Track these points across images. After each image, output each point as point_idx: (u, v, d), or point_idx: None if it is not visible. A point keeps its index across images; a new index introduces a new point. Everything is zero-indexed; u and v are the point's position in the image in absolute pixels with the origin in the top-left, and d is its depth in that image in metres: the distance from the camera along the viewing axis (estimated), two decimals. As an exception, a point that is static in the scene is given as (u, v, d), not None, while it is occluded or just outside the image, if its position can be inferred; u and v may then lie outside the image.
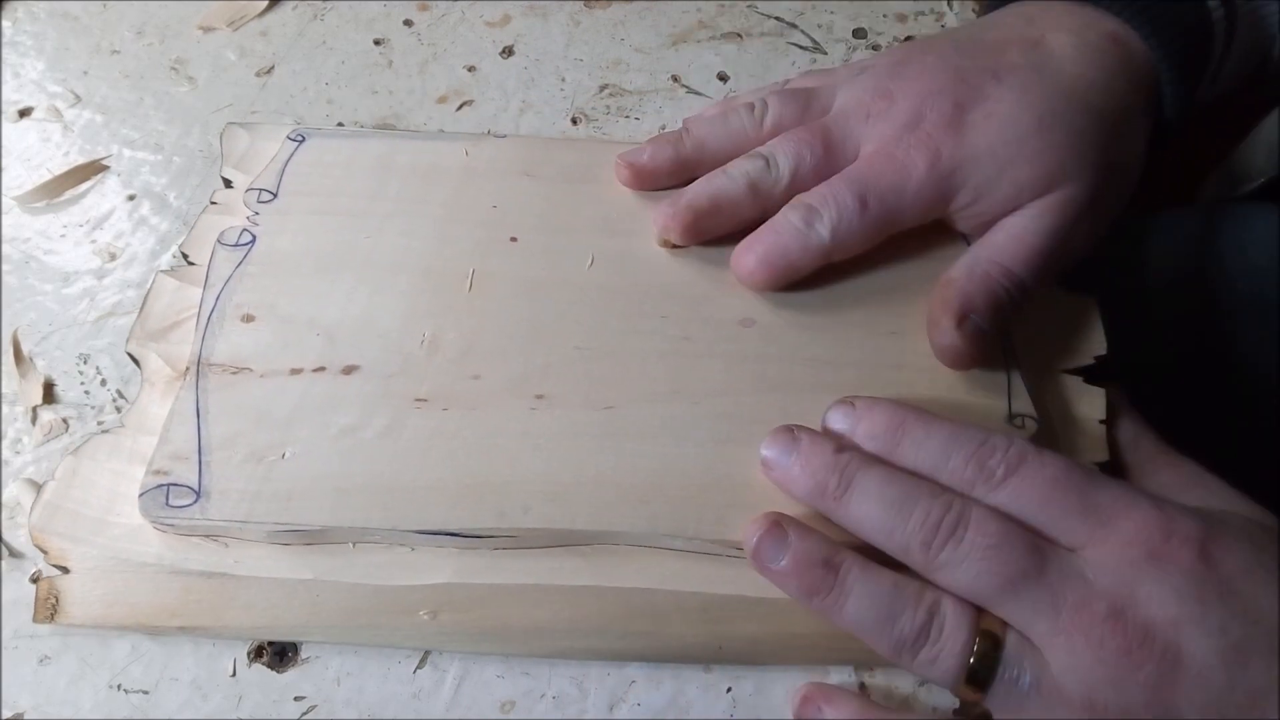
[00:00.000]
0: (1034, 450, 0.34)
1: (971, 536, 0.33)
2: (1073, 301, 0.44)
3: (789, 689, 0.37)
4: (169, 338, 0.43)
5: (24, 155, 0.52)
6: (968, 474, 0.34)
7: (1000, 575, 0.32)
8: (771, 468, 0.37)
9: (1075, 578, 0.32)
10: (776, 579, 0.35)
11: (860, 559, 0.35)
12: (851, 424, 0.37)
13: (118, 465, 0.40)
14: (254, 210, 0.45)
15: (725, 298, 0.43)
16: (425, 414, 0.40)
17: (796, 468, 0.36)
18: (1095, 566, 0.32)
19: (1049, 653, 0.32)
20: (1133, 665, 0.31)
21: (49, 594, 0.37)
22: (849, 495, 0.35)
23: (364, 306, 0.43)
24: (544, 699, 0.37)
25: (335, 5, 0.58)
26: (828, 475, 0.35)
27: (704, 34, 0.56)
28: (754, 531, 0.36)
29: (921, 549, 0.33)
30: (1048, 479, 0.34)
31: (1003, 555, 0.32)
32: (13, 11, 0.59)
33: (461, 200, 0.46)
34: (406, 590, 0.37)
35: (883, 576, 0.34)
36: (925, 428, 0.36)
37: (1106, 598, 0.31)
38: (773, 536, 0.35)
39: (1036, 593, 0.32)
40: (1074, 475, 0.34)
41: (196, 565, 0.38)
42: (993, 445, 0.35)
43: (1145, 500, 0.33)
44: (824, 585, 0.34)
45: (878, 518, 0.34)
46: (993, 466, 0.34)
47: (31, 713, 0.37)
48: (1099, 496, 0.33)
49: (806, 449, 0.36)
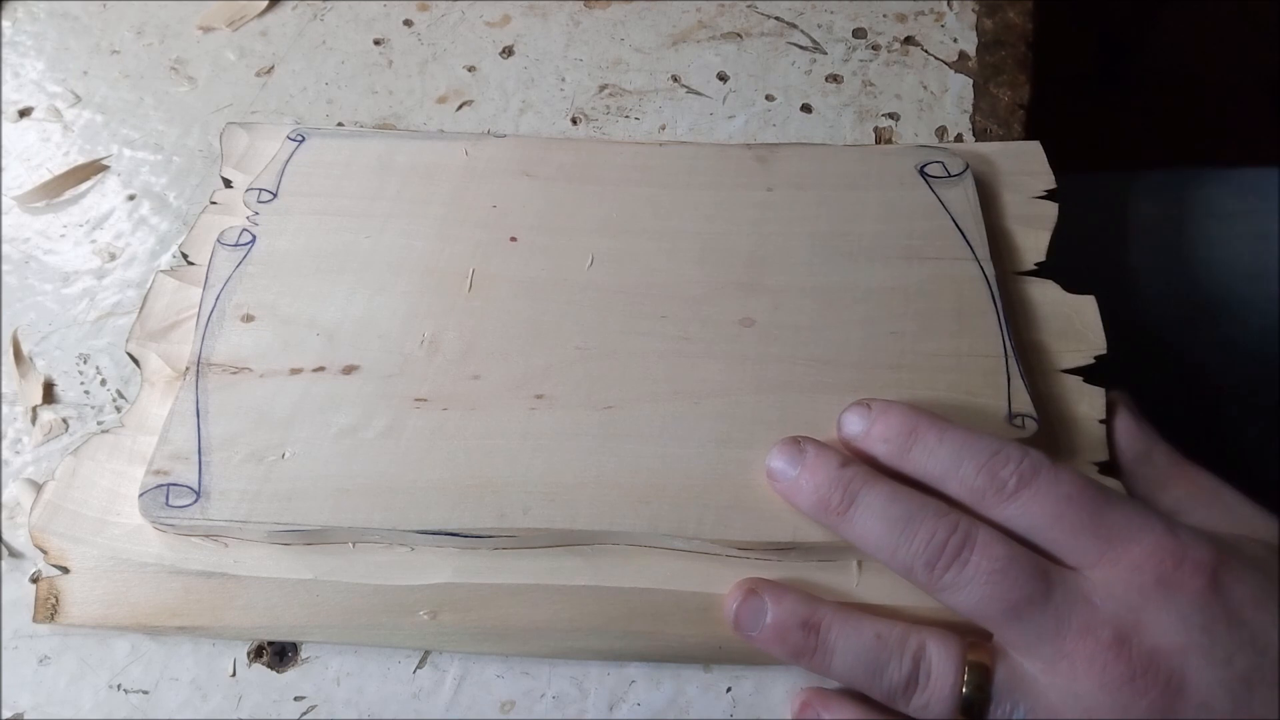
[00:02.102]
0: (1048, 464, 0.34)
1: (977, 559, 0.32)
2: (1072, 301, 0.44)
3: (789, 689, 0.37)
4: (169, 338, 0.43)
5: (24, 155, 0.52)
6: (978, 483, 0.34)
7: (1005, 600, 0.32)
8: (777, 479, 0.37)
9: (1081, 602, 0.32)
10: (760, 646, 0.35)
11: (839, 613, 0.35)
12: (866, 425, 0.37)
13: (118, 465, 0.40)
14: (254, 210, 0.45)
15: (725, 298, 0.43)
16: (425, 414, 0.40)
17: (802, 481, 0.36)
18: (1102, 590, 0.32)
19: (1051, 677, 0.32)
20: (1135, 693, 0.30)
21: (49, 594, 0.37)
22: (853, 511, 0.35)
23: (364, 306, 0.43)
24: (544, 699, 0.37)
25: (335, 5, 0.58)
26: (832, 490, 0.35)
27: (704, 34, 0.56)
28: (731, 602, 0.36)
29: (925, 570, 0.33)
30: (1061, 495, 0.33)
31: (1008, 580, 0.32)
32: (13, 11, 0.59)
33: (461, 200, 0.46)
34: (406, 590, 0.37)
35: (863, 628, 0.34)
36: (939, 433, 0.35)
37: (1112, 624, 0.31)
38: (749, 606, 0.35)
39: (1041, 618, 0.32)
40: (1087, 492, 0.33)
41: (196, 565, 0.38)
42: (1006, 456, 0.34)
43: (1159, 523, 0.33)
44: (807, 647, 0.34)
45: (882, 535, 0.34)
46: (1004, 478, 0.34)
47: (31, 713, 0.37)
48: (1112, 516, 0.33)
49: (812, 462, 0.36)
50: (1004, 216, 0.46)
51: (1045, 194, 0.47)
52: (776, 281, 0.43)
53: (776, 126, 0.52)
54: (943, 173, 0.46)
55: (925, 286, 0.43)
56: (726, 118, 0.52)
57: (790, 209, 0.46)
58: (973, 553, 0.33)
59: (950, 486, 0.35)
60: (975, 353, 0.41)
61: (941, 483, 0.35)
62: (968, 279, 0.43)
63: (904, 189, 0.46)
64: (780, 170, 0.47)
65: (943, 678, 0.32)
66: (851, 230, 0.45)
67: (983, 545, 0.33)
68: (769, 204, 0.46)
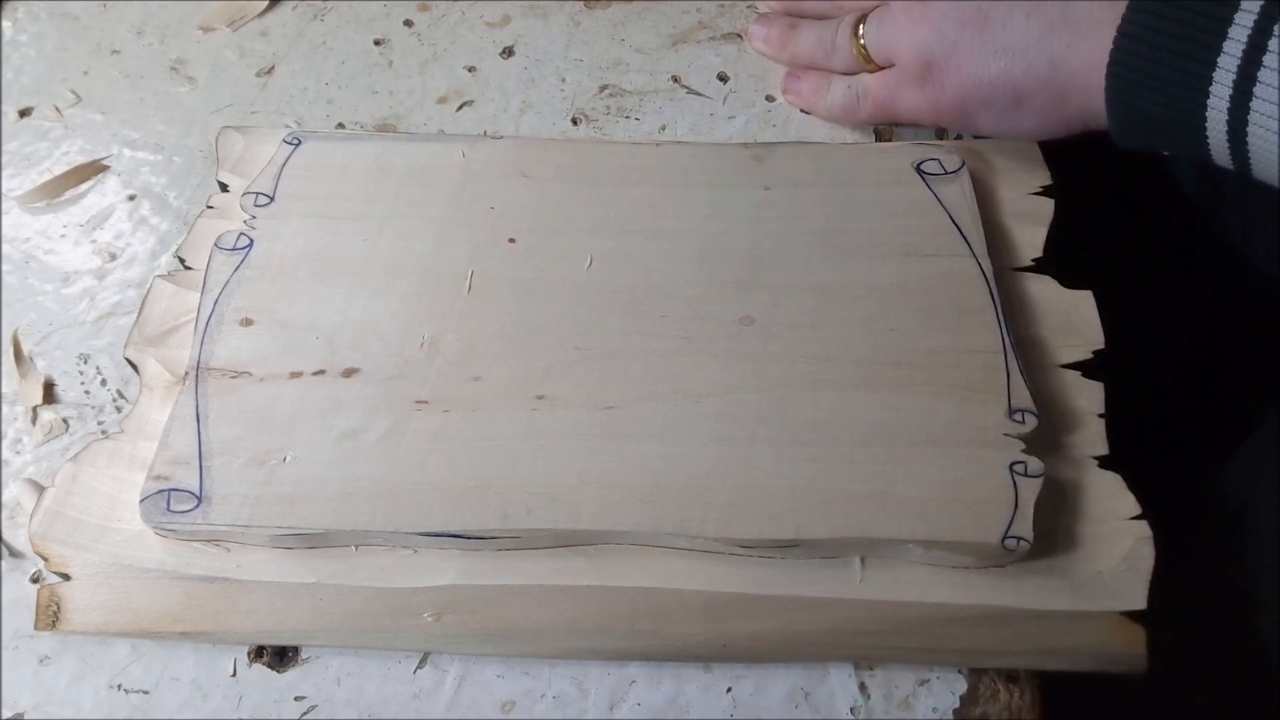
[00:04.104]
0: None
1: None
2: (1070, 296, 0.44)
3: (789, 689, 0.37)
4: (167, 343, 0.43)
5: (24, 155, 0.52)
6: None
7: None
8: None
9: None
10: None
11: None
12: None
13: (118, 471, 0.40)
14: (251, 214, 0.45)
15: (724, 297, 0.43)
16: (426, 416, 0.40)
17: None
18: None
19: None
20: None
21: (50, 601, 0.38)
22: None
23: (363, 309, 0.43)
24: (544, 699, 0.37)
25: (335, 5, 0.58)
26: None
27: (704, 34, 0.56)
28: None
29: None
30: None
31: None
32: (13, 11, 0.59)
33: (459, 202, 0.46)
34: (410, 592, 0.37)
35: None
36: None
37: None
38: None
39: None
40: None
41: (198, 570, 0.38)
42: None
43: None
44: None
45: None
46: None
47: (31, 713, 0.37)
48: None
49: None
50: (1001, 213, 0.46)
51: (1041, 190, 0.47)
52: (775, 280, 0.43)
53: (776, 127, 0.52)
54: (939, 170, 0.46)
55: (924, 283, 0.43)
56: (727, 118, 0.52)
57: (788, 207, 0.46)
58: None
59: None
60: (974, 349, 0.41)
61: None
62: (966, 275, 0.43)
63: (901, 186, 0.46)
64: (778, 169, 0.47)
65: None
66: (849, 228, 0.45)
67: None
68: (767, 203, 0.46)
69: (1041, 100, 0.42)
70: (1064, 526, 0.38)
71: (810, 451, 0.38)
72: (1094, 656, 0.36)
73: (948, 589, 0.37)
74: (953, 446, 0.38)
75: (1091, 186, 0.53)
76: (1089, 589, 0.37)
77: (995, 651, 0.37)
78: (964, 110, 0.45)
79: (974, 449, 0.38)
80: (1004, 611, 0.37)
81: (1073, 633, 0.36)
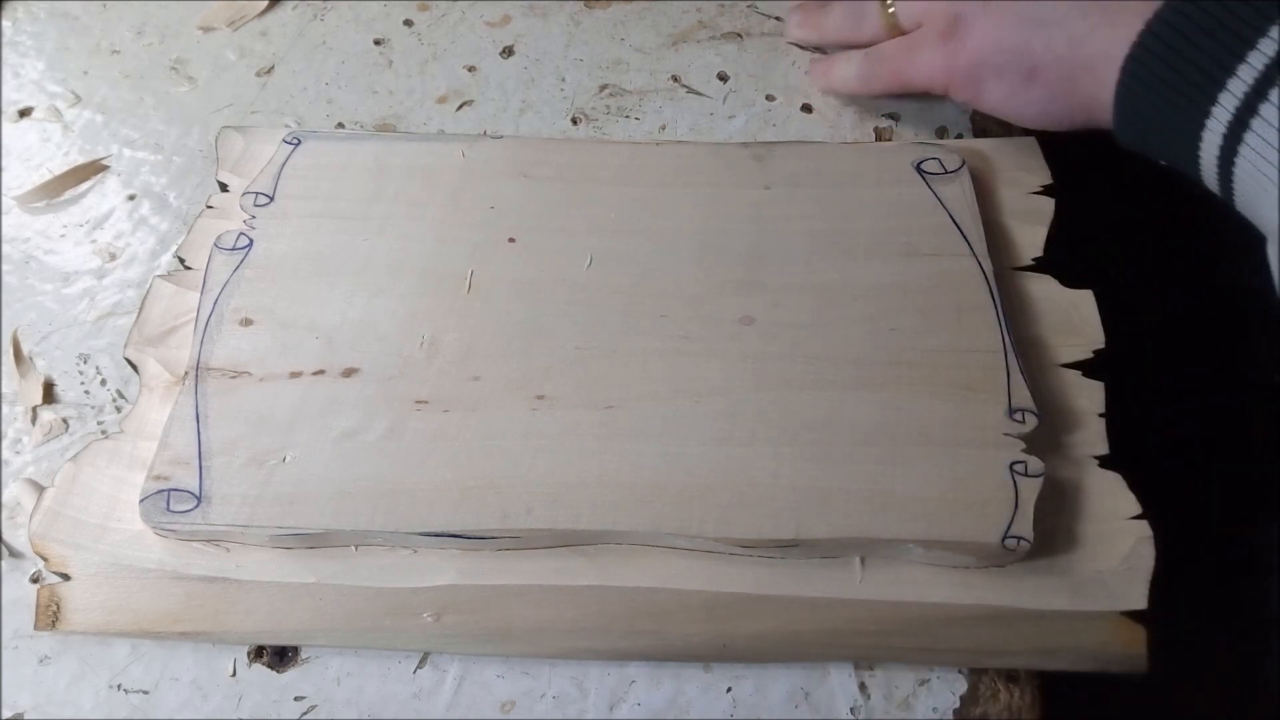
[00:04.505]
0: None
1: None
2: (1070, 295, 0.44)
3: (789, 689, 0.37)
4: (167, 343, 0.43)
5: (24, 155, 0.52)
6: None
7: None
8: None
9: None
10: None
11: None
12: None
13: (117, 471, 0.40)
14: (250, 214, 0.45)
15: (724, 296, 0.43)
16: (426, 416, 0.40)
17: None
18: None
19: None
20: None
21: (50, 601, 0.38)
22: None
23: (363, 309, 0.43)
24: (544, 699, 0.37)
25: (335, 5, 0.58)
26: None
27: (704, 34, 0.56)
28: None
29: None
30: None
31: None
32: (13, 11, 0.59)
33: (459, 202, 0.46)
34: (410, 593, 0.37)
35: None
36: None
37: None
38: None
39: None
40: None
41: (198, 570, 0.38)
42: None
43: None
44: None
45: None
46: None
47: (31, 713, 0.37)
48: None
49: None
50: (1001, 212, 0.46)
51: (1041, 189, 0.47)
52: (775, 279, 0.43)
53: (777, 126, 0.52)
54: (939, 169, 0.46)
55: (924, 283, 0.43)
56: (727, 118, 0.52)
57: (788, 207, 0.46)
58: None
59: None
60: (975, 348, 0.41)
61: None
62: (966, 275, 0.43)
63: (901, 186, 0.46)
64: (777, 168, 0.47)
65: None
66: (849, 227, 0.45)
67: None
68: (767, 202, 0.46)
69: (1052, 78, 0.42)
70: (1064, 526, 0.38)
71: (810, 451, 0.38)
72: (1094, 656, 0.36)
73: (948, 589, 0.37)
74: (953, 446, 0.38)
75: (1092, 186, 0.53)
76: (1089, 589, 0.37)
77: (995, 651, 0.37)
78: (976, 76, 0.45)
79: (974, 449, 0.38)
80: (1004, 611, 0.37)
81: (1073, 633, 0.36)
